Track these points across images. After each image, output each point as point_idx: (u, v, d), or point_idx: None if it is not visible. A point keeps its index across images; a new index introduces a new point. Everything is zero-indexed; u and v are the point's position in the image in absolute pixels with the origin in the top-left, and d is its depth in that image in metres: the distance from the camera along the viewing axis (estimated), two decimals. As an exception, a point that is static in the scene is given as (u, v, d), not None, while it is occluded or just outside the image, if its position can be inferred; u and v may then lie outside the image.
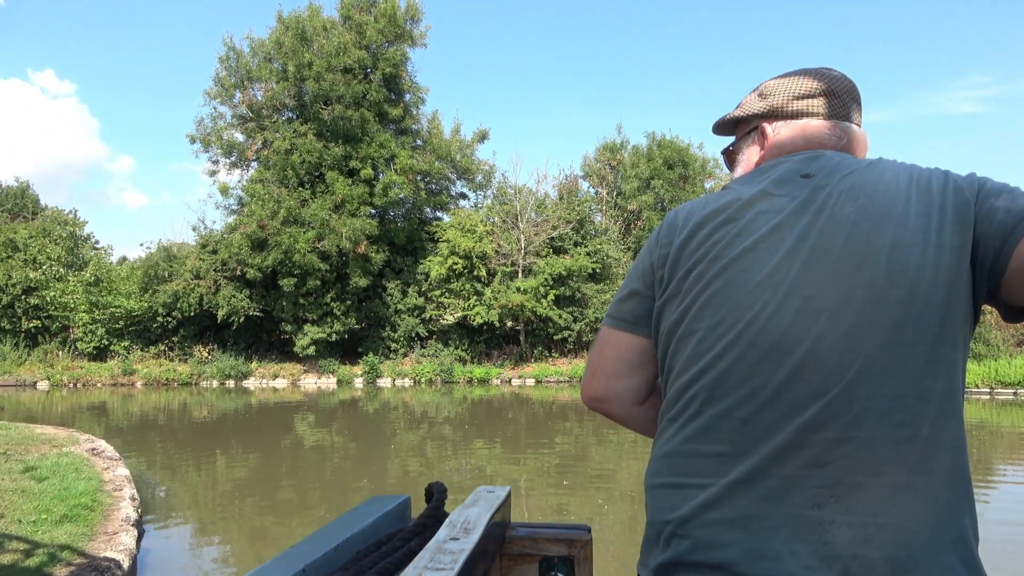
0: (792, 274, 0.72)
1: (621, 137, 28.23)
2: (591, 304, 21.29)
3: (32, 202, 31.38)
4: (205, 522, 5.20)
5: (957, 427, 0.68)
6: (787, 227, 0.74)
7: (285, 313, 20.48)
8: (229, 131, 22.00)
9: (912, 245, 0.69)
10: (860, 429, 0.66)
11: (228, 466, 7.62)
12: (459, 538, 0.70)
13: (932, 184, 0.73)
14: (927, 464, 0.65)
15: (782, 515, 0.66)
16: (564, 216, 21.79)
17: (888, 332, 0.67)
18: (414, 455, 8.13)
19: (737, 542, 0.67)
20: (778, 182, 0.80)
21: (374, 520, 0.78)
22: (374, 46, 20.92)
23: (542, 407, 14.15)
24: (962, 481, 0.67)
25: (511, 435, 10.21)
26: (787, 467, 0.67)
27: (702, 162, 27.15)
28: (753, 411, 0.70)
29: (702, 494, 0.71)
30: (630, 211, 25.77)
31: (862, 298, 0.68)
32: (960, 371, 0.69)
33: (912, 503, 0.64)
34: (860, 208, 0.72)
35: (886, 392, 0.66)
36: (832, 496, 0.65)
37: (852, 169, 0.77)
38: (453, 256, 20.04)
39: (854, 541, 0.64)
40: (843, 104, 0.88)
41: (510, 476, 6.76)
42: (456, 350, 20.94)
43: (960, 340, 0.69)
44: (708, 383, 0.73)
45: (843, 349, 0.68)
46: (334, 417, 12.81)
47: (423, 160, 21.39)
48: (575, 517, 5.21)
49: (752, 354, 0.71)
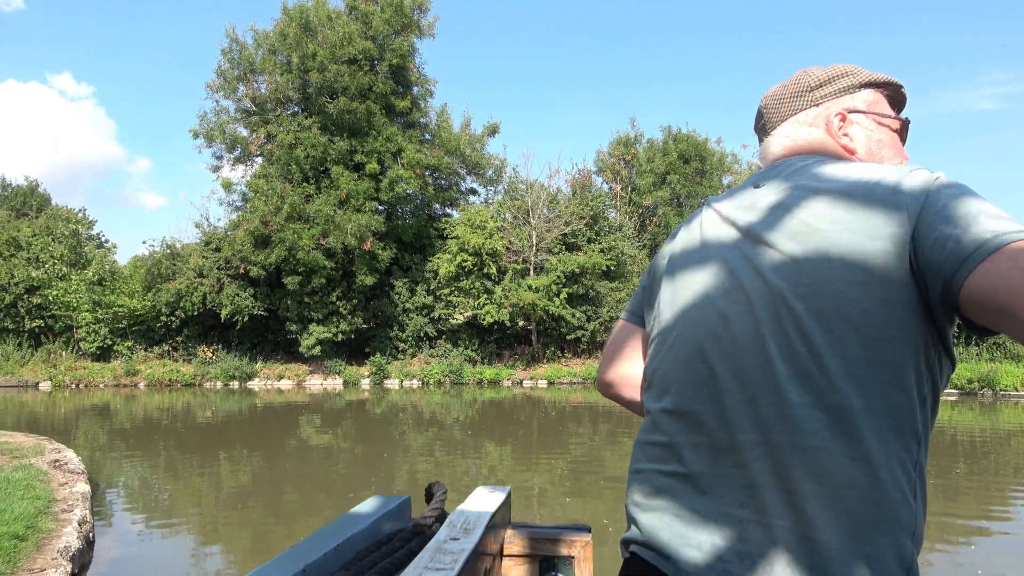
0: (722, 280, 0.79)
1: (635, 131, 28.14)
2: (605, 303, 21.23)
3: (40, 201, 31.89)
4: (207, 527, 5.27)
5: (881, 444, 0.67)
6: (726, 243, 0.82)
7: (290, 312, 20.62)
8: (232, 125, 22.20)
9: (827, 260, 0.71)
10: (770, 433, 0.70)
11: (231, 469, 7.71)
12: (459, 538, 0.71)
13: (873, 194, 0.72)
14: (839, 477, 0.66)
15: (712, 510, 0.72)
16: (577, 212, 21.75)
17: (792, 343, 0.70)
18: (423, 458, 8.18)
19: (670, 527, 0.75)
20: (736, 196, 0.87)
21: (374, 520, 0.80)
22: (380, 37, 20.98)
23: (555, 409, 14.15)
24: (884, 501, 0.66)
25: (522, 438, 10.23)
26: (717, 464, 0.73)
27: (720, 156, 26.99)
28: (686, 408, 0.78)
29: (654, 480, 0.80)
30: (645, 207, 25.68)
31: (770, 308, 0.72)
32: (899, 387, 0.68)
33: (819, 513, 0.66)
34: (783, 222, 0.78)
35: (792, 399, 0.69)
36: (751, 496, 0.70)
37: (791, 179, 0.82)
38: (462, 253, 20.05)
39: (763, 542, 0.68)
40: (788, 104, 0.92)
41: (521, 480, 6.78)
42: (466, 350, 21.00)
43: (894, 358, 0.68)
44: (654, 379, 0.84)
45: (758, 352, 0.72)
46: (340, 419, 12.91)
47: (431, 154, 21.41)
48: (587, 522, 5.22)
49: (681, 353, 0.80)
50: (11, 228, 22.86)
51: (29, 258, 21.74)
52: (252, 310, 20.52)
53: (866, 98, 0.90)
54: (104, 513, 5.59)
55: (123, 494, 6.42)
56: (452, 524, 0.77)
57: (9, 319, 21.29)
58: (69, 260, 22.46)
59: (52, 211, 28.27)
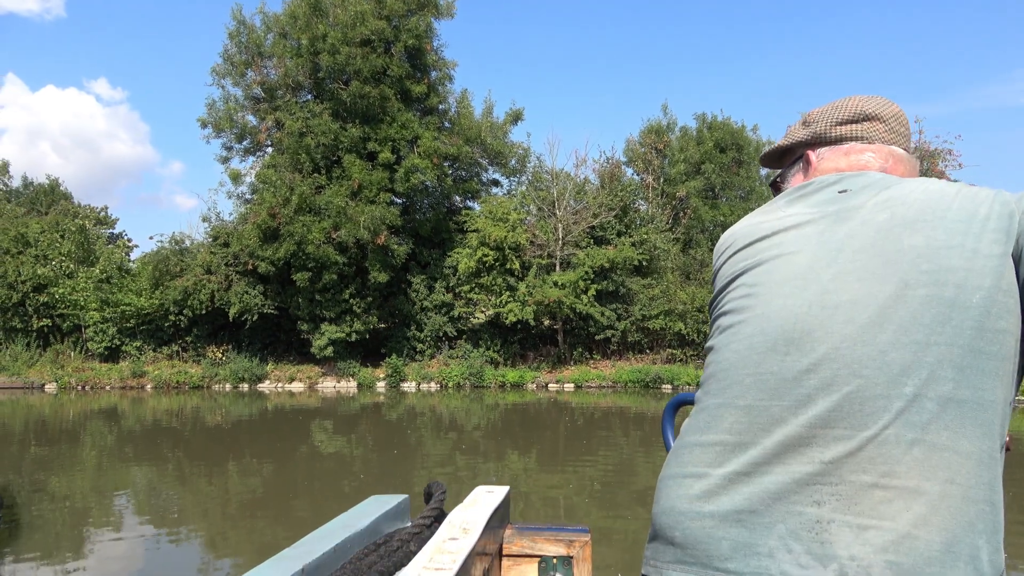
0: (815, 274, 0.79)
1: (667, 118, 27.93)
2: (637, 300, 21.10)
3: (62, 199, 32.72)
4: (214, 537, 5.41)
5: (984, 440, 0.69)
6: (816, 235, 0.83)
7: (301, 311, 20.85)
8: (241, 113, 22.47)
9: (946, 248, 0.74)
10: (870, 427, 0.69)
11: (240, 478, 7.89)
12: (458, 538, 0.75)
13: (978, 196, 0.78)
14: (943, 472, 0.67)
15: (779, 511, 0.71)
16: (606, 203, 21.64)
17: (905, 330, 0.71)
18: (441, 467, 8.26)
19: (729, 536, 0.72)
20: (813, 196, 0.89)
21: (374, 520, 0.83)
22: (395, 16, 21.07)
23: (582, 415, 14.14)
24: (982, 500, 0.68)
25: (548, 446, 10.25)
26: (789, 461, 0.72)
27: (757, 145, 26.68)
28: (757, 400, 0.75)
29: (698, 485, 0.76)
30: (679, 198, 25.46)
31: (885, 294, 0.73)
32: (1001, 384, 0.71)
33: (922, 510, 0.67)
34: (894, 214, 0.79)
35: (902, 391, 0.70)
36: (833, 494, 0.69)
37: (891, 184, 0.84)
38: (483, 247, 20.01)
39: (853, 542, 0.67)
40: (888, 128, 0.94)
41: (546, 492, 6.80)
42: (487, 351, 21.04)
43: (1002, 350, 0.71)
44: (717, 372, 0.81)
45: (858, 342, 0.72)
46: (354, 424, 13.09)
47: (450, 143, 21.43)
48: (619, 537, 5.22)
49: (760, 342, 0.78)
50: (19, 224, 23.47)
51: (37, 255, 22.30)
52: (262, 309, 20.78)
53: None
54: (111, 521, 5.78)
55: (129, 502, 6.62)
56: (451, 524, 0.80)
57: (17, 318, 21.88)
58: (77, 257, 22.96)
59: (62, 207, 28.91)
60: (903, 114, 0.95)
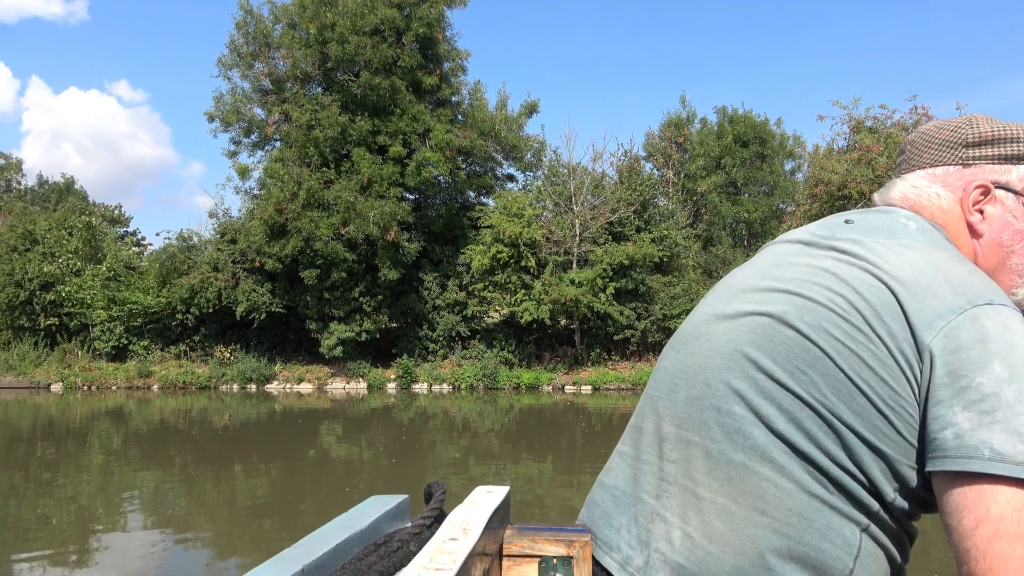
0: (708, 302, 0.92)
1: (687, 111, 27.75)
2: (657, 299, 21.02)
3: (78, 198, 33.30)
4: (220, 543, 5.49)
5: (814, 484, 0.74)
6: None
7: (309, 310, 20.99)
8: (248, 105, 22.68)
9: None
10: (694, 435, 0.79)
11: (247, 482, 7.99)
12: (458, 538, 0.77)
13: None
14: (739, 489, 0.73)
15: (633, 495, 0.84)
16: (625, 198, 21.57)
17: (726, 358, 0.79)
18: (454, 473, 8.30)
19: (602, 506, 0.88)
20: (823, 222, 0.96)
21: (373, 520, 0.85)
22: (407, 5, 21.14)
23: (600, 419, 14.13)
24: (793, 539, 0.71)
25: (564, 452, 10.26)
26: (649, 454, 0.84)
27: (781, 140, 26.49)
28: (649, 404, 0.90)
29: (611, 460, 0.94)
30: (699, 194, 25.33)
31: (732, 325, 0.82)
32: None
33: (717, 524, 0.74)
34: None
35: (715, 404, 0.78)
36: (666, 492, 0.80)
37: (875, 229, 0.82)
38: (497, 244, 19.96)
39: (661, 538, 0.78)
40: (921, 153, 0.88)
41: (563, 499, 6.82)
42: (501, 352, 21.06)
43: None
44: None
45: (705, 365, 0.82)
46: (364, 427, 13.19)
47: (463, 136, 21.43)
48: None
49: (665, 366, 0.91)
50: (27, 221, 23.89)
51: (44, 253, 22.68)
52: (269, 307, 20.97)
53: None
54: (117, 523, 5.89)
55: (136, 504, 6.74)
56: (451, 524, 0.82)
57: (25, 316, 22.28)
58: (85, 255, 23.31)
59: (70, 204, 29.32)
60: (958, 126, 0.87)
